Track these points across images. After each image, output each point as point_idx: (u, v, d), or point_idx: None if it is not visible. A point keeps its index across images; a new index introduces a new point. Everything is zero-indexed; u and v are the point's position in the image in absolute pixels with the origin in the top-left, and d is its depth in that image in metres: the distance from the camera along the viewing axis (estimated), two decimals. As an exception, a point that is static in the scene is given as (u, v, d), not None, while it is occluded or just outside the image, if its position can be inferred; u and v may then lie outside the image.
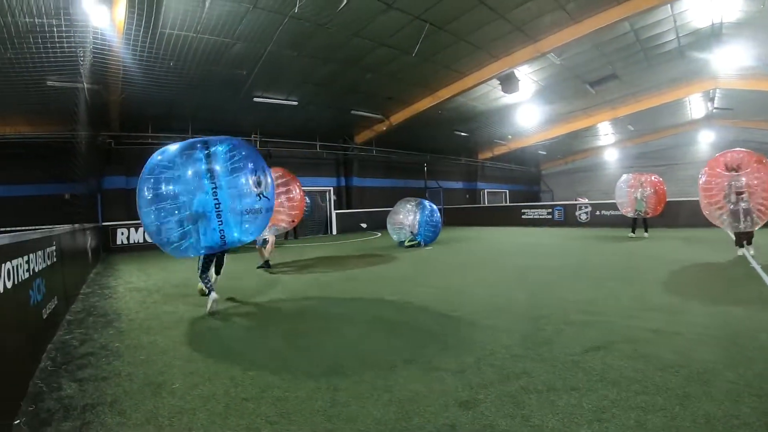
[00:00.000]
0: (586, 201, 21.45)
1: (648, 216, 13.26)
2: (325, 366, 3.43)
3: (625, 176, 13.83)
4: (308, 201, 18.32)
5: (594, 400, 2.58)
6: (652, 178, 13.35)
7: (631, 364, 3.14)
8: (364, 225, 14.32)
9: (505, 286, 6.40)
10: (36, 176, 14.34)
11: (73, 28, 8.68)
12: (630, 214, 13.51)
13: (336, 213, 21.26)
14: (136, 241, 15.00)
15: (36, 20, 8.54)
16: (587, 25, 12.45)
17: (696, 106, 23.60)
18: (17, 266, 3.33)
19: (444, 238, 14.83)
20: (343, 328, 4.57)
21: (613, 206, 17.63)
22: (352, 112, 17.74)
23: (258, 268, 8.97)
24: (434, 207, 13.10)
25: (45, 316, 4.27)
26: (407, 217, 12.96)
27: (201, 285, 5.89)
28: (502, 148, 28.42)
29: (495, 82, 16.12)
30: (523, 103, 19.43)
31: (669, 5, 12.07)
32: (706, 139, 28.05)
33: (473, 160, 29.54)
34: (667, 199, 13.57)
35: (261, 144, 18.87)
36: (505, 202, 30.90)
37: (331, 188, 21.82)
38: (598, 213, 18.77)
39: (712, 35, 14.29)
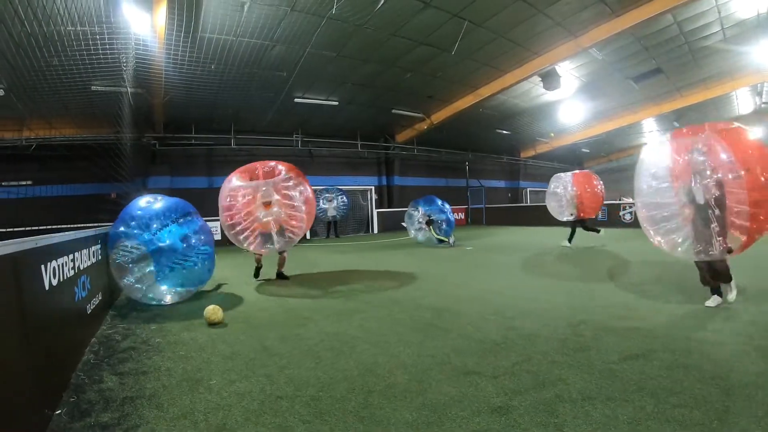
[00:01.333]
0: (631, 201, 20.98)
1: (580, 219, 11.69)
2: (360, 367, 3.51)
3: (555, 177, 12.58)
4: (346, 200, 18.80)
5: (630, 411, 2.53)
6: (583, 177, 12.09)
7: (670, 374, 3.05)
8: (404, 224, 14.67)
9: (543, 290, 6.33)
10: (81, 177, 15.33)
11: (115, 35, 9.32)
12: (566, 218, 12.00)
13: (377, 212, 21.67)
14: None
15: (79, 28, 9.20)
16: (629, 19, 12.23)
17: (743, 101, 22.78)
18: (62, 264, 3.65)
19: (482, 237, 14.92)
20: (379, 329, 4.63)
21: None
22: (393, 111, 18.02)
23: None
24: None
25: (89, 311, 4.63)
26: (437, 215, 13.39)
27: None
28: (545, 146, 28.11)
29: (536, 79, 16.07)
30: (565, 100, 19.22)
31: None
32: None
33: (515, 159, 29.37)
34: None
35: (302, 144, 19.46)
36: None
37: (372, 187, 22.23)
38: None
39: (758, 26, 13.75)
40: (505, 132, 23.34)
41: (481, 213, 24.13)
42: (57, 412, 2.88)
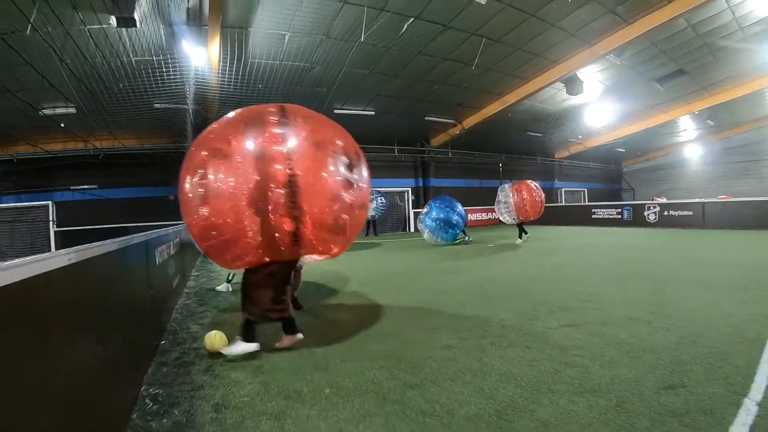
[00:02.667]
0: (664, 200, 21.35)
1: (521, 221, 14.01)
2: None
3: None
4: (383, 200, 20.27)
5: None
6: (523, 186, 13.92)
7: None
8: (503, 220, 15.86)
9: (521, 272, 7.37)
10: (141, 181, 17.81)
11: (175, 63, 11.28)
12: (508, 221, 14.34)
13: (414, 212, 23.07)
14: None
15: (145, 58, 11.20)
16: (640, 26, 12.89)
17: None
18: (162, 250, 5.50)
19: (511, 236, 15.92)
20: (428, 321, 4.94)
21: (682, 206, 17.95)
22: (426, 118, 19.37)
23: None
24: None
25: (173, 286, 6.43)
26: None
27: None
28: (578, 146, 28.57)
29: (559, 84, 16.95)
30: (591, 102, 19.94)
31: None
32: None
33: (549, 159, 30.01)
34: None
35: (344, 150, 21.14)
36: (584, 201, 30.82)
37: (409, 189, 23.76)
38: (666, 213, 18.51)
39: None
40: (536, 134, 24.27)
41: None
42: (162, 342, 4.57)
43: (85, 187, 17.46)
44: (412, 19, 11.21)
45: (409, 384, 3.14)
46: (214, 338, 4.02)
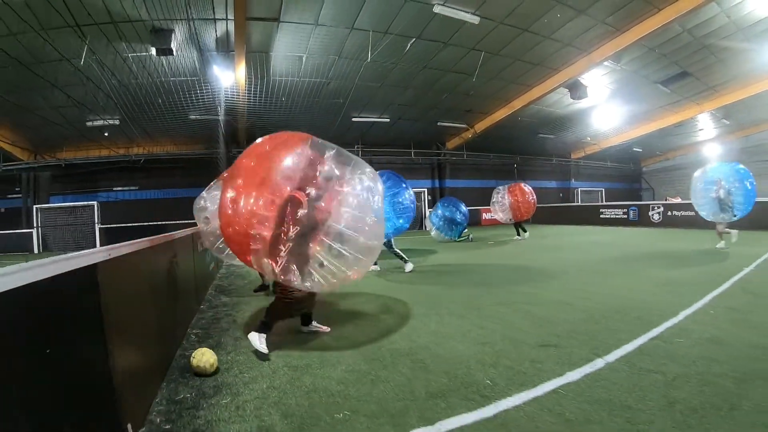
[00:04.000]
0: (679, 200, 22.02)
1: (516, 221, 15.66)
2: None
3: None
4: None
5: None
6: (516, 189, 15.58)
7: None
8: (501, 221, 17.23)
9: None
10: (180, 182, 19.90)
11: (207, 83, 13.22)
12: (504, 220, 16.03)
13: (429, 211, 24.41)
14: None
15: (181, 78, 13.20)
16: (634, 33, 13.66)
17: None
18: (201, 242, 7.10)
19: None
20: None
21: (684, 207, 18.41)
22: (438, 123, 20.92)
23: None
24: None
25: (210, 270, 8.17)
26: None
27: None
28: (594, 147, 29.39)
29: (564, 89, 18.10)
30: (598, 105, 20.95)
31: (714, 3, 12.51)
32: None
33: (565, 160, 30.91)
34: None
35: (363, 153, 22.76)
36: (602, 200, 31.04)
37: (426, 189, 25.11)
38: (669, 213, 19.23)
39: None
40: (547, 136, 25.42)
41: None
42: (201, 307, 6.19)
43: (127, 188, 19.79)
44: (414, 39, 12.86)
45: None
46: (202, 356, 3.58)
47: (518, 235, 15.62)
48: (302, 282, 3.65)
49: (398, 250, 8.89)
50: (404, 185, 9.04)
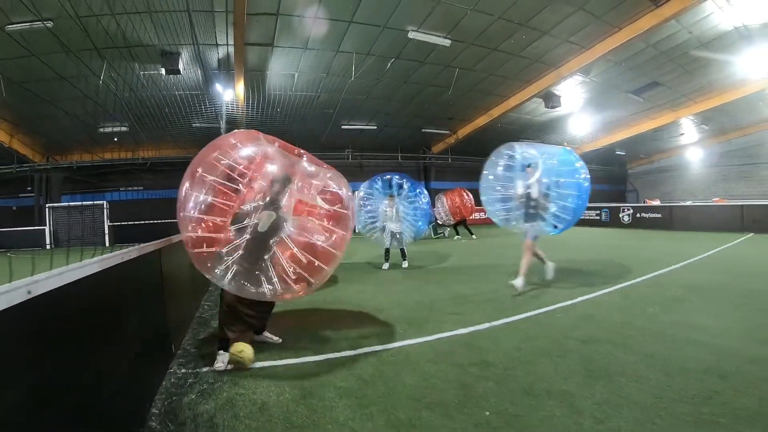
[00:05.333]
0: (658, 202, 23.60)
1: (457, 221, 17.45)
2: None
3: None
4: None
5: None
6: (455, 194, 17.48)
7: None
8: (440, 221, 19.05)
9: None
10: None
11: (210, 97, 15.13)
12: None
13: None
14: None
15: (186, 92, 15.12)
16: (598, 50, 15.16)
17: None
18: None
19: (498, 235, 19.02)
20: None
21: (653, 209, 20.15)
22: (423, 130, 22.81)
23: None
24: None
25: None
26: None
27: None
28: (576, 151, 30.67)
29: (539, 99, 19.76)
30: (574, 113, 22.63)
31: (673, 21, 13.56)
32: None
33: (548, 162, 32.41)
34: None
35: (353, 157, 24.78)
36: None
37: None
38: (638, 215, 20.64)
39: (741, 38, 15.13)
40: (529, 141, 26.97)
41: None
42: (209, 288, 7.88)
43: (133, 188, 21.75)
44: (393, 59, 14.80)
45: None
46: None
47: (457, 233, 17.67)
48: (257, 290, 3.59)
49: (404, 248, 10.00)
50: (420, 189, 10.08)
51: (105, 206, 20.42)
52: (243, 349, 3.79)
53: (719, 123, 26.53)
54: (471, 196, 17.37)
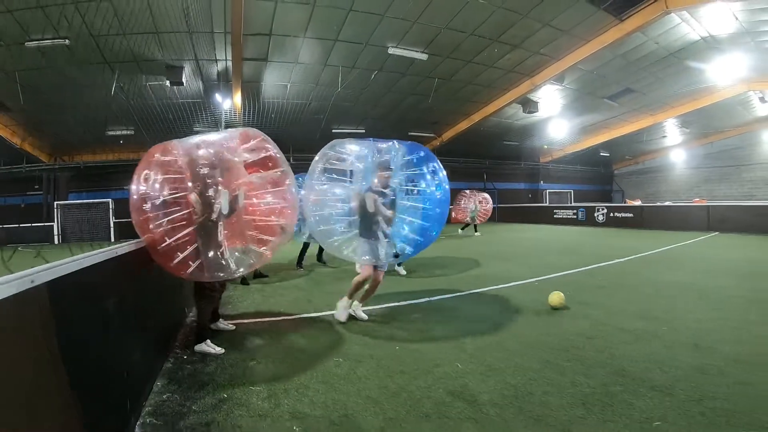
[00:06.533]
0: (639, 202, 24.59)
1: (477, 222, 18.46)
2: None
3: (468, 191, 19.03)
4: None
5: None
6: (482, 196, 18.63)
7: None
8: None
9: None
10: None
11: (210, 105, 17.09)
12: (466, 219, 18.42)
13: (399, 211, 28.18)
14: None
15: (189, 101, 16.98)
16: (568, 60, 16.67)
17: (759, 104, 23.68)
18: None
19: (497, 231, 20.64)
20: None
21: (626, 209, 21.33)
22: (409, 133, 24.52)
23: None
24: None
25: None
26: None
27: None
28: (559, 152, 32.74)
29: (517, 105, 21.25)
30: (552, 117, 24.20)
31: (639, 33, 14.74)
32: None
33: (534, 163, 34.12)
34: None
35: (344, 160, 26.52)
36: (570, 201, 33.75)
37: (401, 192, 28.63)
38: (612, 215, 21.58)
39: (709, 47, 16.14)
40: (511, 143, 29.16)
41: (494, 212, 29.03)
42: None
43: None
44: (376, 71, 16.67)
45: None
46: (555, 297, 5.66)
47: (462, 230, 18.93)
48: (226, 270, 4.00)
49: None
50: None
51: (110, 204, 22.13)
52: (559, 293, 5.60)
53: (700, 126, 27.63)
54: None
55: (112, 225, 21.90)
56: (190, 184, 4.04)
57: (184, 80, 14.80)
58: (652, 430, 2.70)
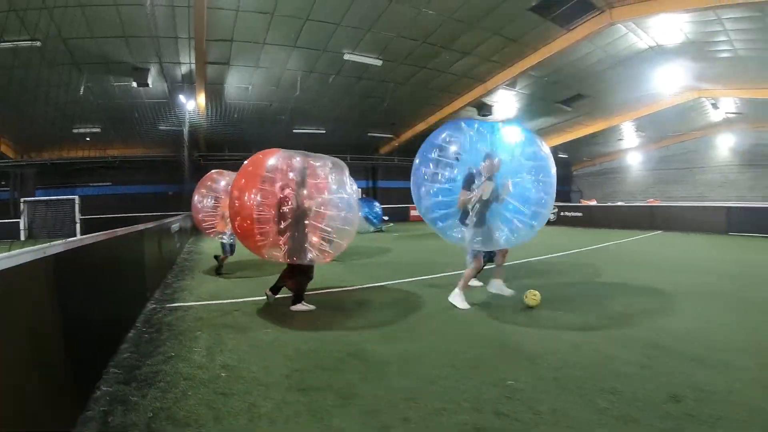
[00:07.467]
0: (594, 202, 25.48)
1: None
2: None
3: None
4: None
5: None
6: None
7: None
8: (386, 218, 20.37)
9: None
10: (150, 180, 25.21)
11: (175, 106, 18.07)
12: None
13: (358, 209, 29.43)
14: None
15: (154, 100, 18.07)
16: (519, 67, 17.84)
17: (711, 110, 25.05)
18: (171, 228, 11.66)
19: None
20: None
21: (576, 208, 22.29)
22: (369, 134, 25.86)
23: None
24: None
25: (177, 248, 12.57)
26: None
27: None
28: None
29: (472, 107, 22.46)
30: (509, 120, 24.89)
31: (586, 41, 15.66)
32: (725, 143, 30.04)
33: (491, 161, 35.49)
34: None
35: (305, 158, 27.78)
36: None
37: (360, 189, 29.49)
38: (562, 214, 21.95)
39: (657, 56, 17.08)
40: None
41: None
42: (173, 267, 10.88)
43: (102, 184, 24.41)
44: (334, 75, 17.90)
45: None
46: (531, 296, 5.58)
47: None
48: (305, 258, 5.43)
49: None
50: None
51: (76, 201, 22.86)
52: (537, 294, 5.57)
53: (655, 130, 29.24)
54: None
55: (78, 222, 22.61)
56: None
57: (149, 82, 15.87)
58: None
